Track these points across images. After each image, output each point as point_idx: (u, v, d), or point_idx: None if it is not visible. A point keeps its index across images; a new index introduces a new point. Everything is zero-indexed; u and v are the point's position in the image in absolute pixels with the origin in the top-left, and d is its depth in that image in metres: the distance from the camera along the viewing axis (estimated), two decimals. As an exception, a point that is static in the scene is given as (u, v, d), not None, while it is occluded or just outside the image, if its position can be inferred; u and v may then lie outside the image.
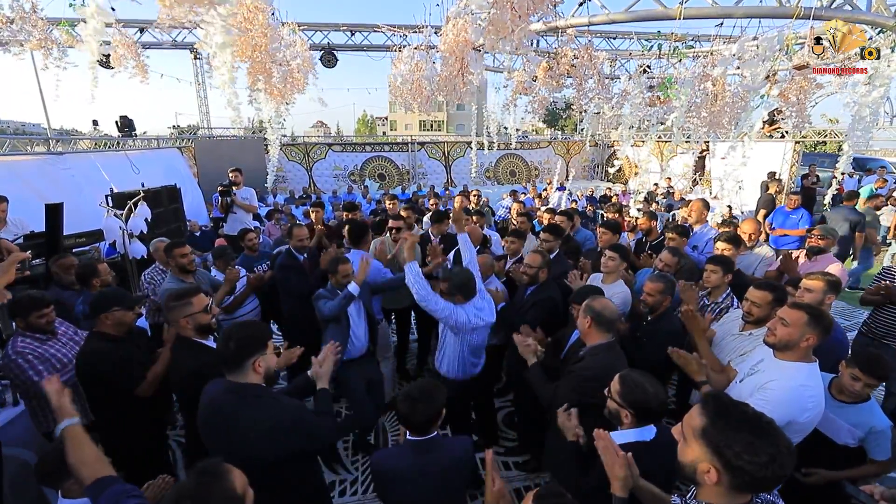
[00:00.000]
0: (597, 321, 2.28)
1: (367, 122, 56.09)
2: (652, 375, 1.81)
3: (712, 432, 1.15)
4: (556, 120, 43.09)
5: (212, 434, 1.78)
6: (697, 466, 1.17)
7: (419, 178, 16.42)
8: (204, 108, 15.40)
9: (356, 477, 3.43)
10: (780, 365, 2.00)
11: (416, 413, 1.84)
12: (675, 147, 13.96)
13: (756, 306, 2.58)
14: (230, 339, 1.78)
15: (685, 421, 1.25)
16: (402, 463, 1.87)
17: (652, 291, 2.89)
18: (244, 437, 1.71)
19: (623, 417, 1.76)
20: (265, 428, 1.72)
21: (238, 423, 1.72)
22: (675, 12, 2.78)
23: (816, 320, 1.94)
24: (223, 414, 1.75)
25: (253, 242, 4.50)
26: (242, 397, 1.76)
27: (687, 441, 1.22)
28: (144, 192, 5.30)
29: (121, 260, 4.94)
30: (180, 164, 11.76)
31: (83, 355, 2.39)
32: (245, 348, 1.78)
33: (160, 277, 3.82)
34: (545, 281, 3.34)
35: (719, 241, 3.74)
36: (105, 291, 2.70)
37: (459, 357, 2.97)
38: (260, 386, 1.82)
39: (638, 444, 1.70)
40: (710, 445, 1.14)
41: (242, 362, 1.77)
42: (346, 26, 7.18)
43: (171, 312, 2.31)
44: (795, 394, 1.88)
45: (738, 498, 1.16)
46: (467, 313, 2.83)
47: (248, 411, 1.73)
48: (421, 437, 1.89)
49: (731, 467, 1.11)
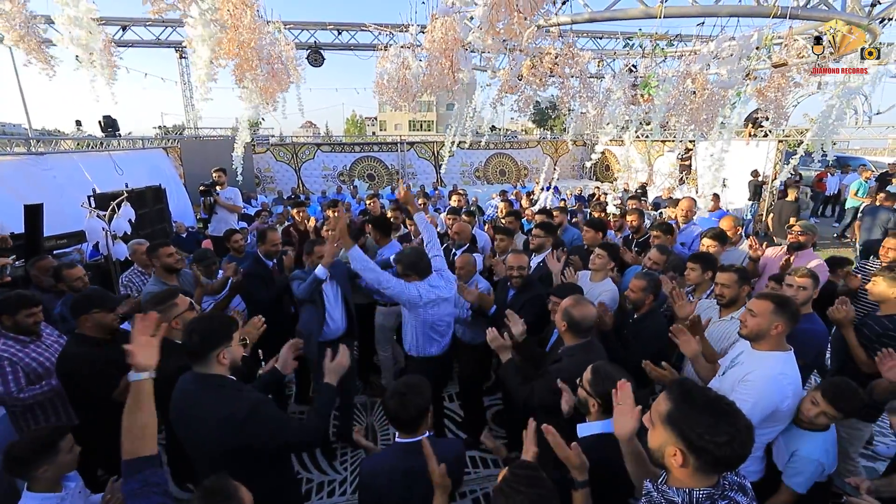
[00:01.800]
0: (572, 328, 2.32)
1: (356, 122, 55.83)
2: (624, 370, 1.85)
3: (677, 416, 1.21)
4: (545, 120, 43.34)
5: (178, 423, 1.82)
6: (665, 450, 1.23)
7: (409, 178, 16.39)
8: (190, 108, 15.21)
9: (345, 477, 3.41)
10: (757, 356, 2.06)
11: (405, 408, 1.79)
12: (662, 146, 14.15)
13: (726, 287, 2.74)
14: (193, 331, 1.81)
15: (653, 408, 1.31)
16: (391, 466, 1.80)
17: (635, 288, 2.94)
18: (202, 425, 1.74)
19: (591, 407, 1.81)
20: (220, 417, 1.73)
21: (198, 412, 1.75)
22: (656, 11, 2.82)
23: (782, 308, 2.01)
24: (187, 403, 1.79)
25: (238, 244, 4.44)
26: (204, 387, 1.78)
27: (655, 426, 1.28)
28: (128, 192, 5.23)
29: (104, 262, 4.86)
30: (166, 164, 11.60)
31: (63, 358, 2.35)
32: (208, 340, 1.80)
33: (139, 280, 3.74)
34: (527, 281, 3.31)
35: (705, 238, 3.81)
36: (85, 293, 2.65)
37: (415, 333, 3.08)
38: (224, 376, 1.84)
39: (603, 435, 1.76)
40: (674, 429, 1.20)
41: (206, 354, 1.79)
42: (332, 25, 7.13)
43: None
44: (775, 383, 1.94)
45: (705, 480, 1.21)
46: (418, 289, 2.92)
47: (207, 400, 1.76)
48: (411, 440, 1.82)
49: (695, 448, 1.16)
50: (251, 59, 3.20)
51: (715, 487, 1.20)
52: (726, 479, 1.23)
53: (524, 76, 3.52)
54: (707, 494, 1.19)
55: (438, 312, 3.06)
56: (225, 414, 1.73)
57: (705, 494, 1.19)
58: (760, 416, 1.92)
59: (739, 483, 1.24)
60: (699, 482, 1.21)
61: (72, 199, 5.77)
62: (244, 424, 1.73)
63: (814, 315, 2.76)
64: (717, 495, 1.19)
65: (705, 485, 1.20)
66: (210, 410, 1.74)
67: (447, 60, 3.12)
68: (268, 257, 3.93)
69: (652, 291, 2.96)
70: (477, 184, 16.82)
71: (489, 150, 17.27)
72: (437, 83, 3.41)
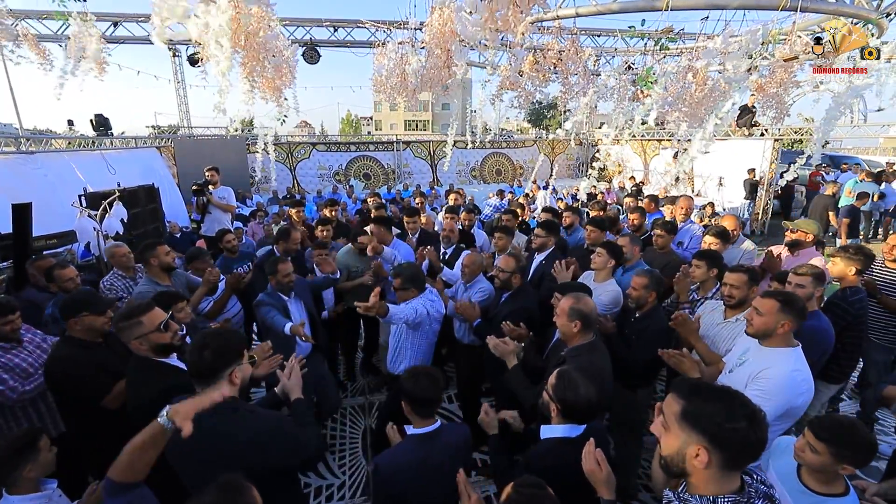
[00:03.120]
0: (585, 324, 2.30)
1: (351, 121, 55.61)
2: (591, 379, 1.83)
3: (691, 410, 1.17)
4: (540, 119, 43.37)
5: (183, 454, 1.63)
6: (686, 452, 1.16)
7: (405, 178, 16.31)
8: (184, 107, 15.05)
9: (343, 481, 3.36)
10: (767, 353, 2.03)
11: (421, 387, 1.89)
12: (658, 145, 14.17)
13: (735, 288, 2.67)
14: (205, 348, 1.65)
15: (664, 411, 1.24)
16: (409, 459, 1.87)
17: (637, 286, 2.89)
18: (220, 454, 1.60)
19: (551, 410, 1.80)
20: (242, 442, 1.61)
21: (214, 440, 1.59)
22: (662, 4, 2.78)
23: (788, 306, 1.98)
24: (197, 431, 1.59)
25: (232, 244, 4.36)
26: (217, 412, 1.57)
27: (669, 429, 1.21)
28: (120, 191, 5.13)
29: (96, 262, 4.76)
30: (159, 164, 11.46)
31: (53, 361, 2.26)
32: (221, 358, 1.66)
33: (120, 283, 3.62)
34: (519, 287, 3.21)
35: (707, 236, 3.79)
36: (74, 295, 2.56)
37: (418, 353, 3.08)
38: (235, 399, 1.71)
39: (564, 439, 1.76)
40: (692, 424, 1.15)
41: (217, 373, 1.65)
42: (328, 22, 7.05)
43: (121, 334, 2.04)
44: (790, 379, 1.91)
45: (730, 482, 1.15)
46: (426, 306, 2.96)
47: (224, 426, 1.61)
48: (424, 430, 1.92)
49: (718, 440, 1.11)
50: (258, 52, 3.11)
51: (740, 494, 1.14)
52: (752, 485, 1.17)
53: (526, 72, 3.47)
54: (733, 502, 1.13)
55: (437, 326, 3.13)
56: (246, 439, 1.61)
57: (730, 501, 1.13)
58: (775, 414, 1.89)
59: (766, 493, 1.17)
60: (723, 486, 1.14)
61: (63, 198, 5.66)
62: (269, 446, 1.64)
63: (819, 313, 2.73)
64: (742, 503, 1.12)
65: (730, 490, 1.14)
66: (227, 438, 1.60)
67: (444, 53, 3.06)
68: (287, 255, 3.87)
69: (654, 289, 2.92)
70: (473, 183, 16.75)
71: (485, 150, 17.21)
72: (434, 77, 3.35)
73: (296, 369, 2.07)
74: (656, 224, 4.21)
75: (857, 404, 4.05)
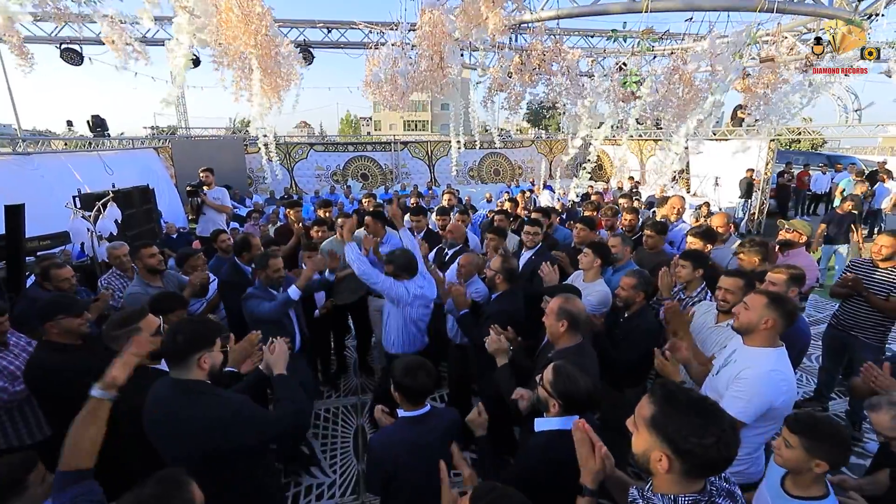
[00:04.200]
0: (573, 324, 2.29)
1: (350, 122, 55.63)
2: (584, 370, 1.84)
3: (661, 419, 1.17)
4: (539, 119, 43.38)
5: (154, 431, 1.77)
6: (650, 455, 1.18)
7: (402, 178, 16.34)
8: (182, 108, 15.10)
9: (333, 480, 3.37)
10: (749, 353, 2.03)
11: (417, 382, 1.95)
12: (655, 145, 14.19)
13: (730, 293, 2.61)
14: (178, 332, 1.77)
15: (636, 411, 1.27)
16: (399, 439, 1.96)
17: (625, 286, 2.90)
18: (183, 432, 1.70)
19: (551, 406, 1.80)
20: (204, 423, 1.69)
21: (177, 420, 1.70)
22: (642, 6, 2.80)
23: (775, 304, 1.97)
24: (163, 410, 1.74)
25: (226, 244, 4.37)
26: (183, 392, 1.74)
27: (638, 430, 1.23)
28: (114, 192, 5.15)
29: (90, 263, 4.79)
30: (156, 164, 11.50)
31: (32, 367, 2.24)
32: (190, 343, 1.76)
33: (118, 283, 3.64)
34: (506, 290, 3.16)
35: (689, 236, 3.79)
36: (49, 298, 2.53)
37: (399, 330, 3.23)
38: (202, 382, 1.79)
39: (560, 431, 1.75)
40: (659, 432, 1.16)
41: (187, 357, 1.75)
42: (322, 23, 7.09)
43: (116, 342, 2.01)
44: (768, 379, 1.90)
45: (693, 484, 1.17)
46: (407, 288, 3.14)
47: (187, 407, 1.71)
48: (415, 413, 1.99)
49: (681, 451, 1.12)
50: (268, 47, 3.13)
51: (701, 493, 1.16)
52: (714, 484, 1.19)
53: (514, 73, 3.49)
54: (693, 501, 1.15)
55: (422, 310, 3.26)
56: (210, 417, 1.70)
57: (691, 500, 1.16)
58: (755, 415, 1.90)
59: (728, 490, 1.20)
60: (685, 487, 1.17)
61: (60, 199, 5.67)
62: (229, 427, 1.71)
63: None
64: (703, 501, 1.15)
65: (691, 490, 1.17)
66: (192, 415, 1.69)
67: (436, 56, 3.08)
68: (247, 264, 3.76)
69: (642, 289, 2.93)
70: (471, 183, 16.78)
71: (483, 150, 17.23)
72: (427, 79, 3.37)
73: (280, 343, 2.15)
74: (646, 224, 4.23)
75: (845, 403, 4.06)
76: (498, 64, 3.57)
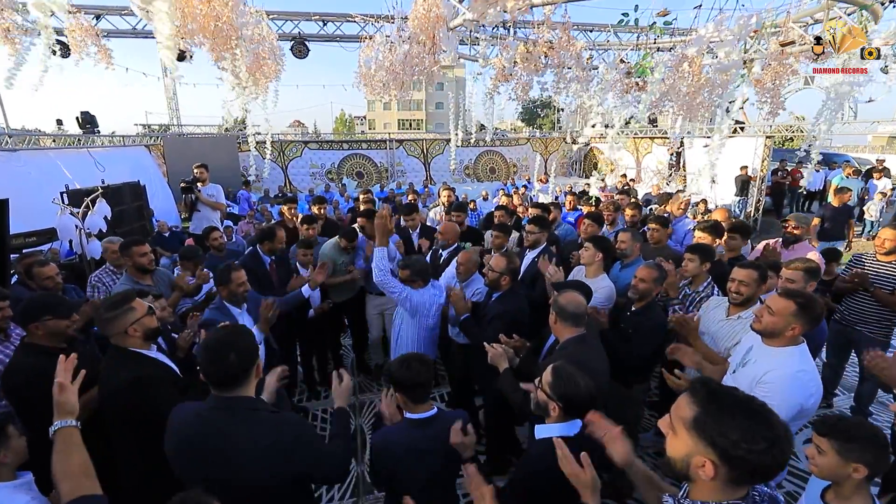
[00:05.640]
0: (561, 316, 2.25)
1: (345, 121, 55.38)
2: (583, 370, 1.77)
3: (705, 421, 1.05)
4: (533, 118, 43.46)
5: (192, 458, 1.53)
6: (691, 461, 1.07)
7: (398, 176, 16.23)
8: (174, 105, 14.87)
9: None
10: (771, 352, 1.95)
11: (413, 372, 1.87)
12: (651, 143, 14.20)
13: (744, 285, 2.56)
14: (230, 349, 1.50)
15: (673, 412, 1.15)
16: (400, 441, 1.88)
17: (646, 278, 2.79)
18: (237, 458, 1.48)
19: (551, 410, 1.71)
20: (262, 447, 1.49)
21: (230, 443, 1.48)
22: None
23: (804, 310, 1.88)
24: (212, 433, 1.50)
25: (219, 241, 4.29)
26: (235, 413, 1.51)
27: (677, 433, 1.12)
28: (104, 188, 5.02)
29: (78, 261, 4.65)
30: (148, 162, 11.32)
31: (12, 371, 2.09)
32: (249, 359, 1.54)
33: (110, 279, 3.51)
34: (509, 289, 3.05)
35: (698, 230, 3.75)
36: (35, 297, 2.39)
37: (418, 341, 3.12)
38: (255, 398, 1.60)
39: (562, 438, 1.65)
40: (703, 436, 1.05)
41: (247, 376, 1.54)
42: (317, 16, 6.96)
43: (111, 323, 1.93)
44: (797, 380, 1.83)
45: (735, 492, 1.07)
46: (423, 295, 3.04)
47: (243, 428, 1.50)
48: (418, 416, 1.91)
49: (729, 458, 1.01)
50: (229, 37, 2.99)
51: (744, 500, 1.07)
52: (756, 489, 1.10)
53: (519, 62, 3.40)
54: None
55: (436, 319, 3.18)
56: (269, 441, 1.49)
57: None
58: (786, 419, 1.82)
59: (770, 495, 1.11)
60: (728, 495, 1.07)
61: (48, 196, 5.53)
62: (293, 451, 1.51)
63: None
64: None
65: (734, 497, 1.07)
66: (247, 441, 1.48)
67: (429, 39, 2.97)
68: (267, 255, 3.74)
69: (661, 283, 2.87)
70: (467, 181, 16.71)
71: (479, 148, 17.18)
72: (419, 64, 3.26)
73: (346, 377, 2.04)
74: (650, 218, 4.17)
75: (850, 399, 4.03)
76: (502, 53, 3.48)
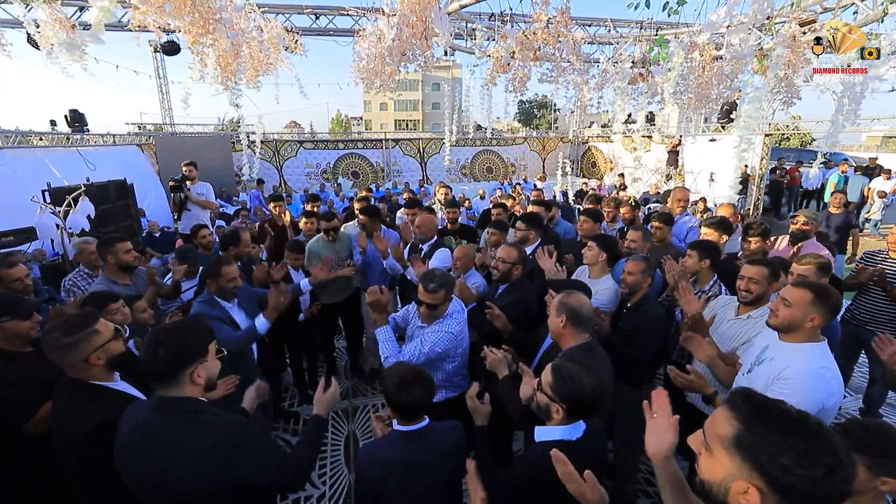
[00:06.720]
0: (573, 320, 2.08)
1: (341, 121, 55.15)
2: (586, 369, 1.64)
3: (751, 441, 0.90)
4: (530, 119, 43.47)
5: (132, 463, 1.43)
6: (730, 486, 0.92)
7: (394, 176, 16.06)
8: (166, 104, 14.65)
9: (323, 492, 3.13)
10: (788, 349, 1.82)
11: (412, 397, 1.71)
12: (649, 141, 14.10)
13: (754, 282, 2.44)
14: (159, 345, 1.43)
15: (708, 428, 1.00)
16: (390, 455, 1.74)
17: (633, 270, 2.73)
18: (173, 462, 1.39)
19: (553, 412, 1.58)
20: (200, 451, 1.39)
21: (167, 446, 1.40)
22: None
23: (822, 298, 1.77)
24: (149, 436, 1.41)
25: (207, 240, 4.15)
26: (174, 413, 1.44)
27: (713, 454, 0.96)
28: (87, 186, 4.84)
29: (60, 261, 4.48)
30: (141, 161, 11.13)
31: None
32: (178, 358, 1.45)
33: (84, 283, 3.33)
34: (518, 279, 2.99)
35: (704, 227, 3.64)
36: None
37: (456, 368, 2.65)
38: (197, 400, 1.50)
39: (563, 442, 1.54)
40: (748, 459, 0.89)
41: (176, 374, 1.45)
42: (309, 9, 6.80)
43: (71, 351, 1.61)
44: (818, 378, 1.70)
45: None
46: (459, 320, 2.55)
47: (181, 430, 1.41)
48: (410, 427, 1.76)
49: (779, 485, 0.86)
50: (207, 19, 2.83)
51: None
52: None
53: (517, 52, 3.26)
54: None
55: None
56: (205, 446, 1.40)
57: None
58: None
59: None
60: None
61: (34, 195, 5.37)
62: (228, 457, 1.41)
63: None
64: None
65: None
66: (184, 443, 1.40)
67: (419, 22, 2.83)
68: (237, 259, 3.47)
69: (650, 274, 2.78)
70: (464, 181, 16.57)
71: (476, 147, 17.05)
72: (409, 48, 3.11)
73: (333, 386, 1.90)
74: (653, 216, 4.05)
75: (857, 400, 3.92)
76: (499, 44, 3.34)
